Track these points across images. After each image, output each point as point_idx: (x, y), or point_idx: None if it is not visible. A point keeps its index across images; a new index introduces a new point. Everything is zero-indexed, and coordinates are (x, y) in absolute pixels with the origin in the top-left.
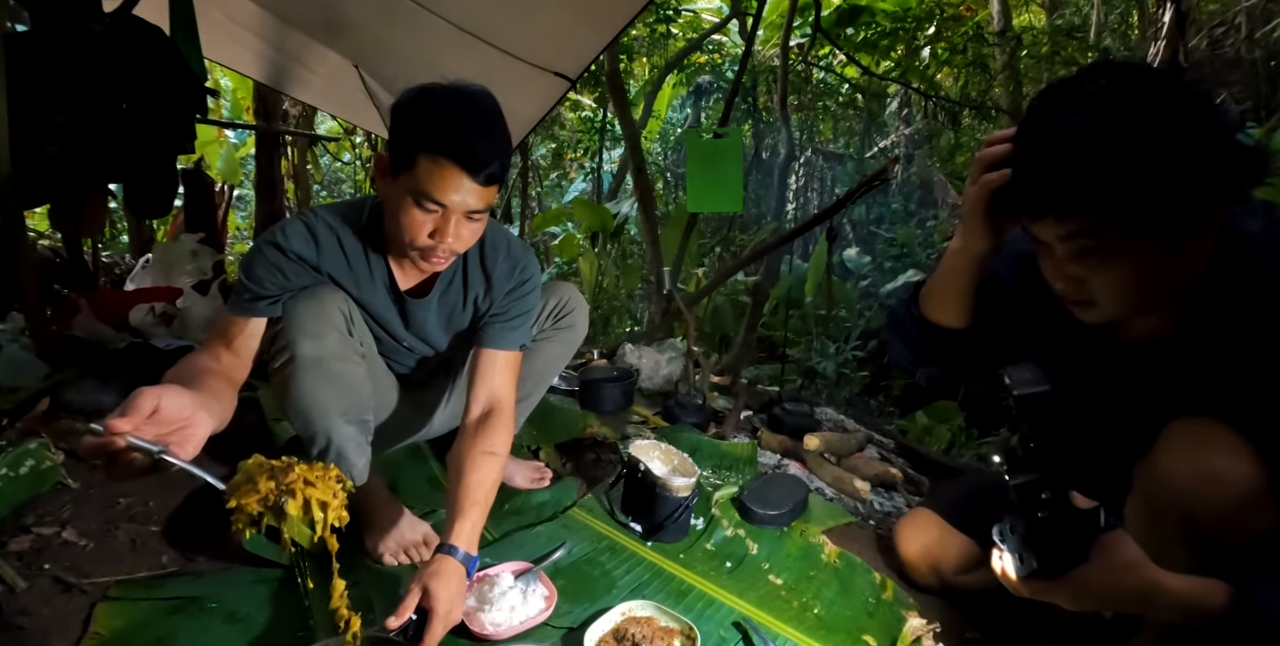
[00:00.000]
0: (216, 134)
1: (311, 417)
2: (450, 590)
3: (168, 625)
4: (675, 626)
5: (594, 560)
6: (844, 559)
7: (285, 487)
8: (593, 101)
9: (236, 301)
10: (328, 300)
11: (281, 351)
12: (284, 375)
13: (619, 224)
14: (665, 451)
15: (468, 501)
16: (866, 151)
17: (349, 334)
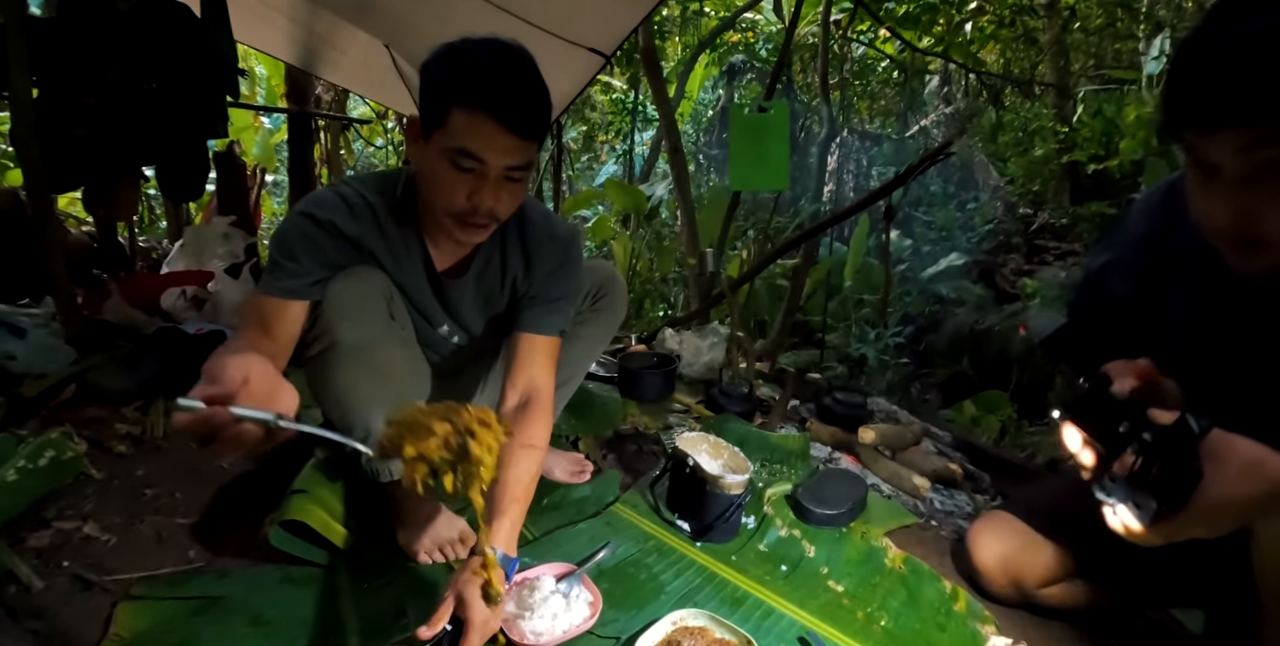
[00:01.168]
0: (252, 120)
1: (350, 409)
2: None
3: (190, 627)
4: (732, 639)
5: (640, 562)
6: (909, 564)
7: (464, 429)
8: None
9: (272, 282)
10: (370, 281)
11: (320, 337)
12: (322, 362)
13: (653, 206)
14: (714, 444)
15: (506, 499)
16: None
17: (392, 318)
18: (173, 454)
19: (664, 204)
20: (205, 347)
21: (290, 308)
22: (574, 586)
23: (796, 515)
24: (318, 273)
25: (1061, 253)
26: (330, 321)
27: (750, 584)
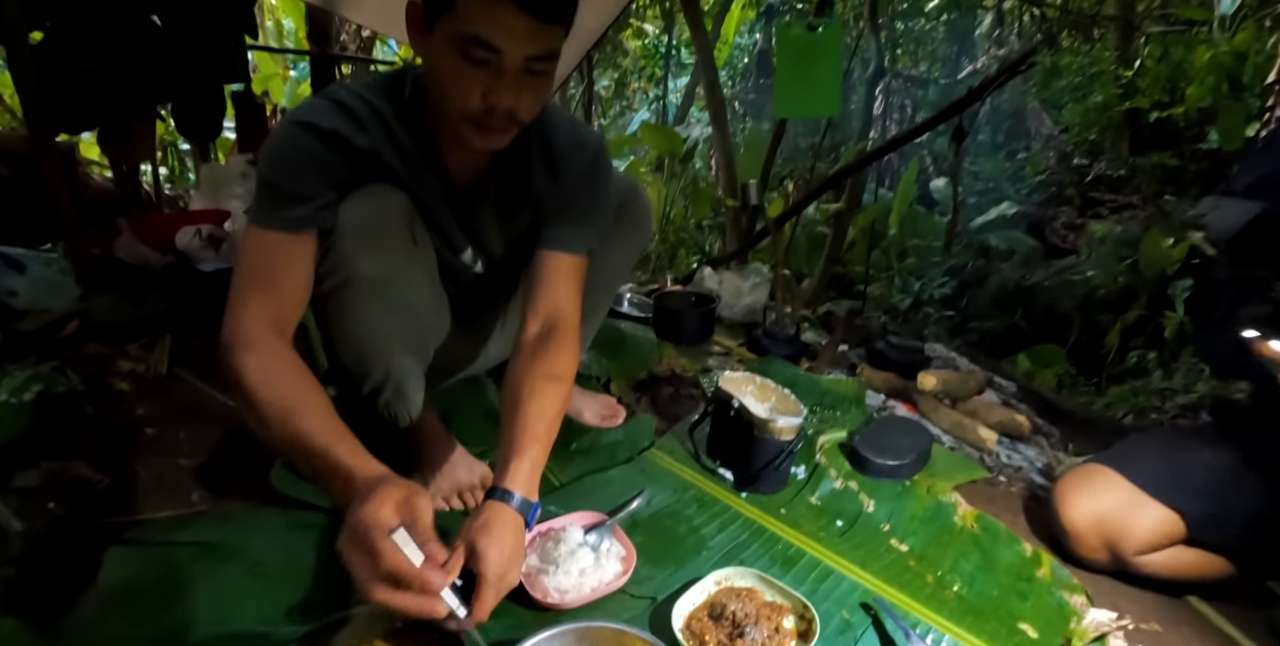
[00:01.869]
0: (279, 68)
1: (369, 350)
2: (504, 547)
3: (184, 575)
4: (785, 602)
5: (678, 513)
6: (983, 523)
7: None
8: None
9: (272, 213)
10: (390, 202)
11: (334, 271)
12: (336, 300)
13: (688, 149)
14: (760, 386)
15: (526, 436)
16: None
17: (414, 245)
18: (177, 393)
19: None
20: (218, 285)
21: (299, 243)
22: (604, 539)
23: (853, 465)
24: (327, 194)
25: (1117, 205)
26: (346, 253)
27: (804, 540)
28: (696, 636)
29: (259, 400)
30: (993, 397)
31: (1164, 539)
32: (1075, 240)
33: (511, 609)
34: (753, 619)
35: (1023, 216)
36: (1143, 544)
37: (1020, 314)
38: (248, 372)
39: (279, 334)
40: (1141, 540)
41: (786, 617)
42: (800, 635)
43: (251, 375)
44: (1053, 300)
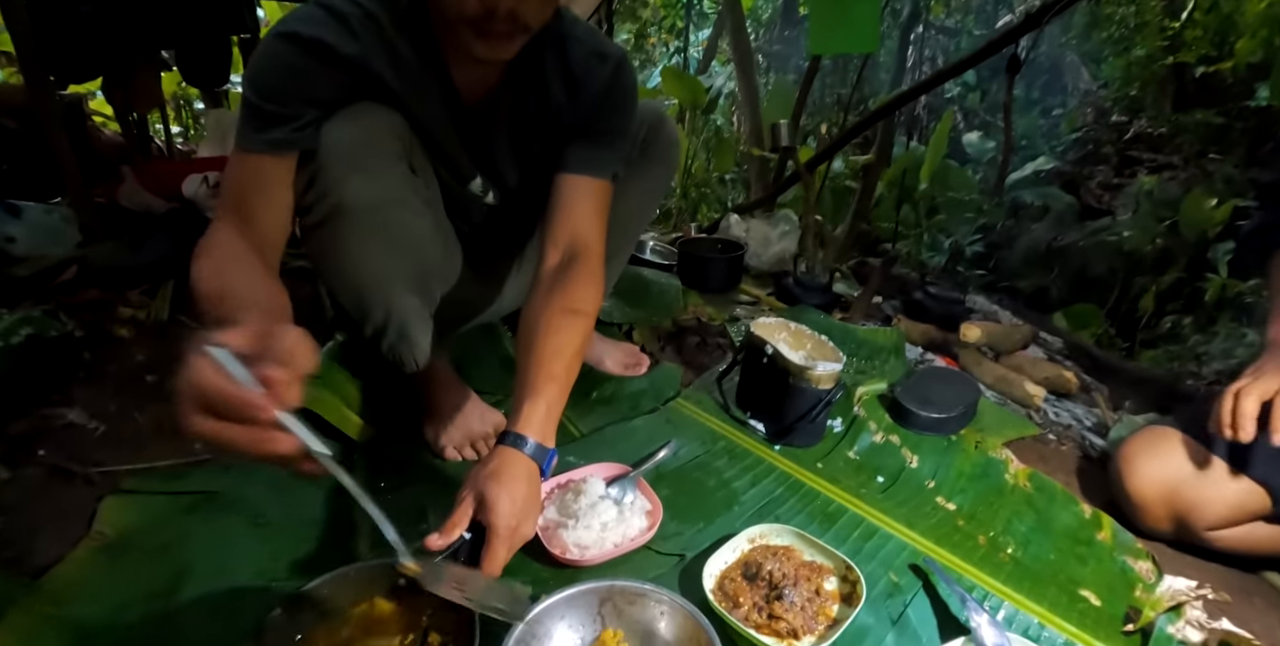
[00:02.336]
0: None
1: (365, 287)
2: (516, 496)
3: (182, 525)
4: (826, 562)
5: (708, 465)
6: (1036, 482)
7: None
8: None
9: (249, 134)
10: (380, 121)
11: (321, 199)
12: (325, 232)
13: (711, 99)
14: (794, 332)
15: (541, 376)
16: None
17: (411, 171)
18: (179, 339)
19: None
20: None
21: (276, 167)
22: (628, 491)
23: (894, 418)
24: (308, 113)
25: (1157, 165)
26: (332, 177)
27: (844, 496)
28: (730, 597)
29: (200, 294)
30: (1038, 353)
31: (1243, 514)
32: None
33: (527, 564)
34: (791, 579)
35: (1057, 174)
36: (1218, 519)
37: (1055, 273)
38: (199, 274)
39: (251, 252)
40: (1217, 515)
41: (828, 579)
42: (844, 598)
43: (201, 273)
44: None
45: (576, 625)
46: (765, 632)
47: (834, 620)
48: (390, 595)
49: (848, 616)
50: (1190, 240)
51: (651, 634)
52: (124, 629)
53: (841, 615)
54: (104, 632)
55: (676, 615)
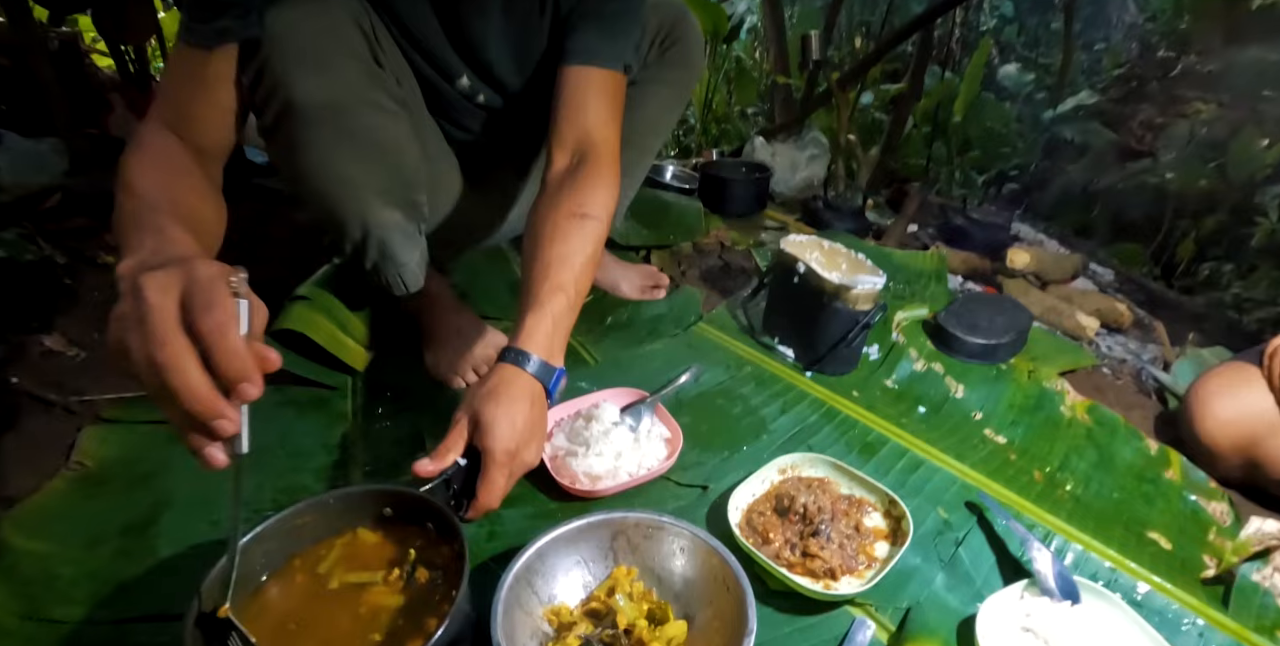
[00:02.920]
0: None
1: (335, 199)
2: (516, 418)
3: (163, 456)
4: (866, 496)
5: (732, 391)
6: (1096, 415)
7: None
8: None
9: (187, 26)
10: (335, 8)
11: (270, 98)
12: (281, 136)
13: (732, 27)
14: (828, 251)
15: (546, 286)
16: None
17: (376, 64)
18: None
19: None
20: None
21: (215, 62)
22: (644, 417)
23: (937, 345)
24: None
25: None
26: (279, 71)
27: (885, 425)
28: (758, 533)
29: (128, 191)
30: (1087, 285)
31: None
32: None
33: (532, 496)
34: (828, 514)
35: (1098, 113)
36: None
37: (1095, 213)
38: (128, 169)
39: (187, 152)
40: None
41: (869, 514)
42: (887, 536)
43: (130, 169)
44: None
45: (585, 561)
46: (799, 572)
47: (876, 560)
48: (375, 525)
49: (893, 555)
50: (1237, 183)
51: (669, 572)
52: (96, 562)
53: (885, 554)
54: (75, 565)
55: (698, 551)
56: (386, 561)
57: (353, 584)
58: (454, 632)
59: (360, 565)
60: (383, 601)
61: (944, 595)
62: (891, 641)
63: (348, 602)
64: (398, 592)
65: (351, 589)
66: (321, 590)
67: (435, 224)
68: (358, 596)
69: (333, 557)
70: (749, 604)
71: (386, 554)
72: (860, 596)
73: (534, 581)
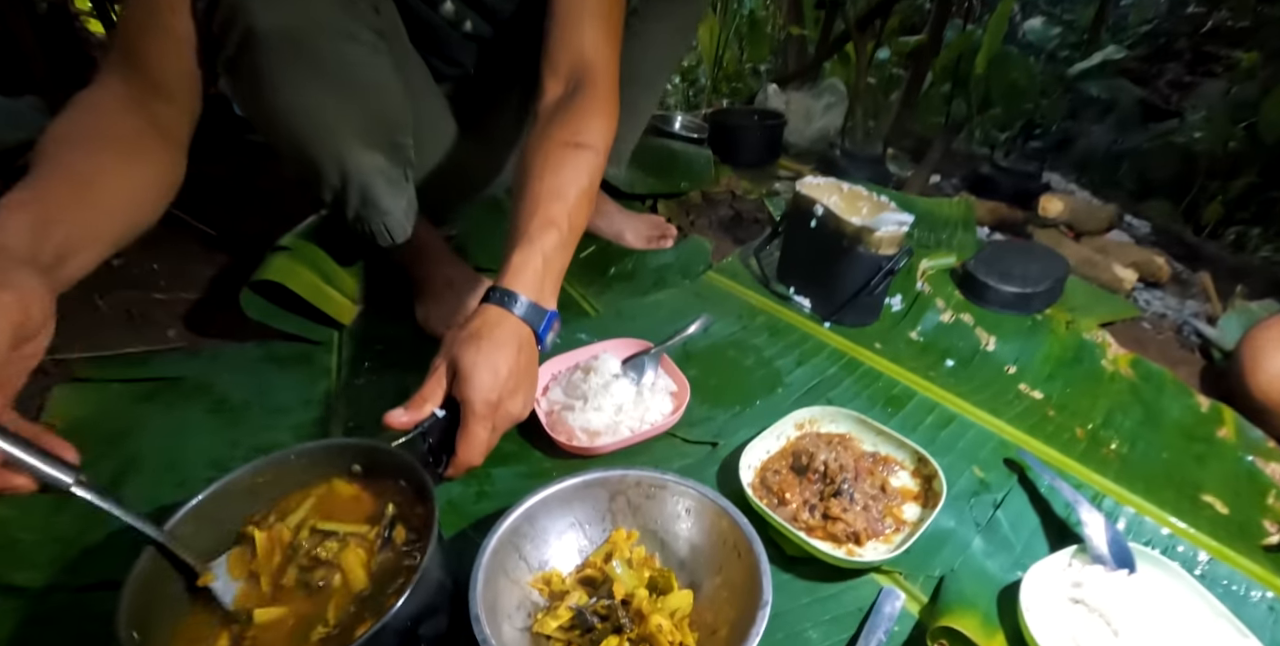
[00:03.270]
0: None
1: (307, 139)
2: (498, 364)
3: (134, 414)
4: (892, 453)
5: (744, 343)
6: (1141, 370)
7: None
8: None
9: None
10: None
11: (228, 26)
12: (243, 69)
13: None
14: (848, 195)
15: (536, 221)
16: None
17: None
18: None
19: None
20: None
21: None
22: (648, 370)
23: (966, 294)
24: None
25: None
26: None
27: (912, 378)
28: (774, 493)
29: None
30: (1122, 238)
31: None
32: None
33: (525, 454)
34: (851, 473)
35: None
36: None
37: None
38: (42, 138)
39: (132, 108)
40: None
41: (895, 473)
42: (916, 497)
43: (43, 139)
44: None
45: (580, 524)
46: (819, 536)
47: (905, 523)
48: (353, 479)
49: (924, 519)
50: (1269, 144)
51: (673, 536)
52: (59, 526)
53: (915, 517)
54: (37, 530)
55: (706, 513)
56: (363, 516)
57: (323, 538)
58: (421, 603)
59: (338, 516)
60: (353, 564)
61: (982, 562)
62: (924, 614)
63: (315, 566)
64: (372, 553)
65: (320, 549)
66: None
67: (425, 172)
68: (327, 555)
69: (309, 507)
70: (763, 571)
71: (363, 509)
72: (888, 563)
73: (522, 546)
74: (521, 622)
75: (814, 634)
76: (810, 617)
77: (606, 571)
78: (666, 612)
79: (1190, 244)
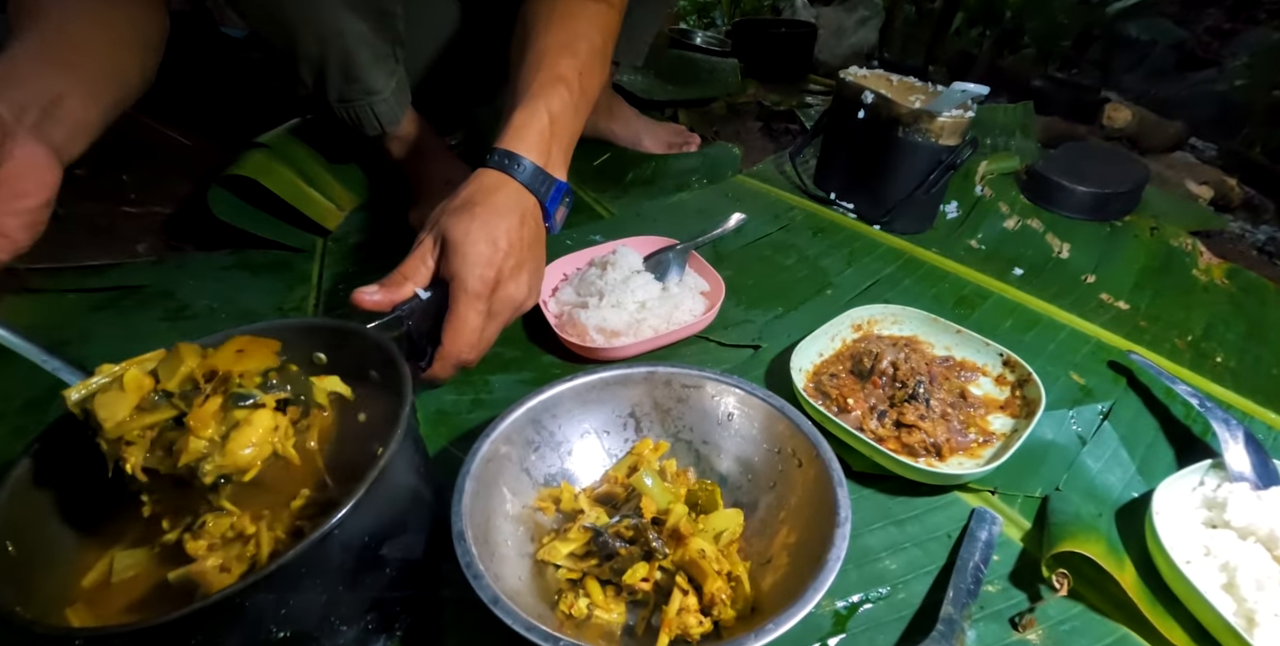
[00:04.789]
0: None
1: (287, 17)
2: (497, 236)
3: (84, 323)
4: (971, 357)
5: (784, 243)
6: (1239, 280)
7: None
8: None
9: None
10: None
11: None
12: None
13: None
14: (899, 86)
15: (542, 76)
16: None
17: None
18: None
19: None
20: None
21: None
22: (674, 267)
23: (1034, 198)
24: None
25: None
26: None
27: (984, 279)
28: (832, 399)
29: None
30: (1188, 158)
31: None
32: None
33: (531, 359)
34: (925, 377)
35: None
36: None
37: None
38: None
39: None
40: None
41: (976, 380)
42: (1002, 406)
43: None
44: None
45: (598, 431)
46: (892, 447)
47: (993, 434)
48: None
49: (1017, 430)
50: None
51: (712, 446)
52: None
53: (1005, 428)
54: None
55: (755, 416)
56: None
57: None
58: (382, 512)
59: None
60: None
61: (1094, 480)
62: (1029, 541)
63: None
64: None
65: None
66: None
67: (421, 61)
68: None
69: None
70: (837, 482)
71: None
72: (980, 479)
73: (524, 455)
74: (521, 549)
75: (893, 564)
76: (887, 544)
77: (634, 484)
78: (710, 535)
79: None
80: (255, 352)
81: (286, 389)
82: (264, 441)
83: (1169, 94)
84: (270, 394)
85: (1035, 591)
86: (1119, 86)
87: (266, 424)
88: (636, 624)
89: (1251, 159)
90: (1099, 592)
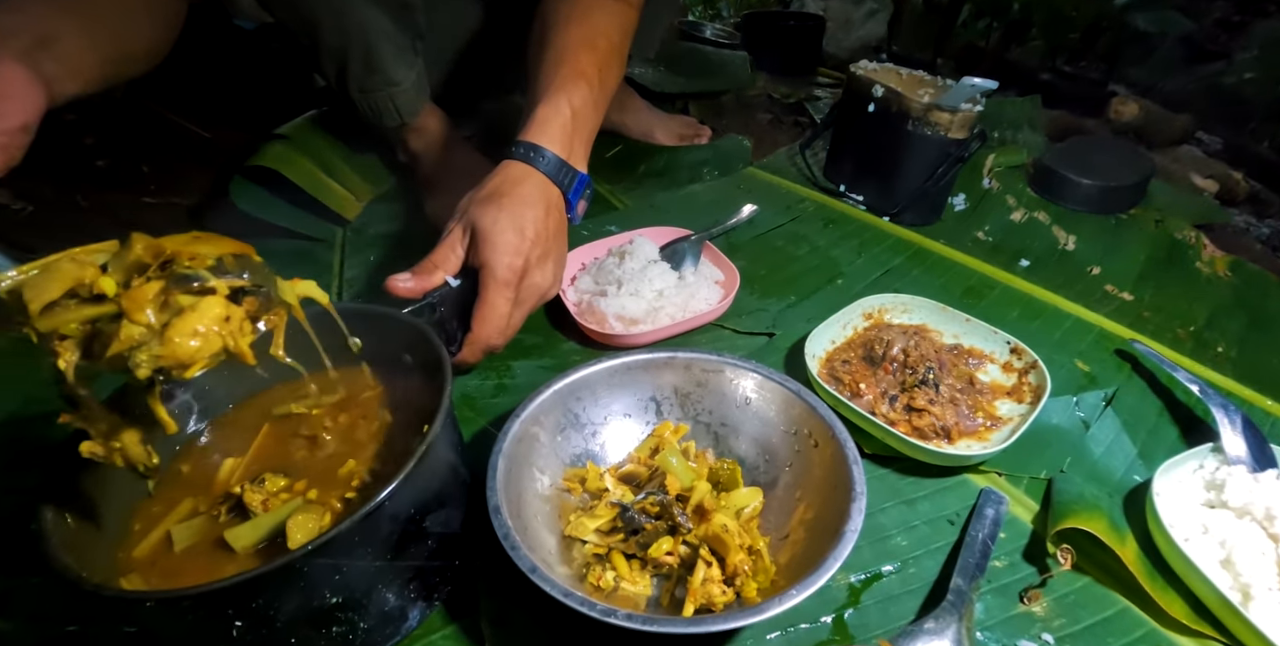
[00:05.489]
0: None
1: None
2: (524, 225)
3: None
4: (978, 345)
5: (796, 234)
6: (1241, 273)
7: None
8: None
9: None
10: None
11: None
12: None
13: None
14: (909, 80)
15: (564, 72)
16: None
17: None
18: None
19: None
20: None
21: None
22: (690, 256)
23: (1041, 191)
24: None
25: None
26: None
27: (991, 269)
28: (845, 384)
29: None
30: (1194, 152)
31: None
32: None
33: (553, 346)
34: (935, 363)
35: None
36: None
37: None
38: None
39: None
40: None
41: (983, 367)
42: (1009, 392)
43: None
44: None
45: (620, 414)
46: (903, 430)
47: (1000, 419)
48: None
49: (1024, 414)
50: None
51: (730, 428)
52: None
53: (1011, 413)
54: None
55: (773, 399)
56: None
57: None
58: (426, 487)
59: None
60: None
61: (1097, 463)
62: (1036, 522)
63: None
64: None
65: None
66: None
67: (440, 56)
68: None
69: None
70: (851, 460)
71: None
72: (989, 460)
73: (550, 436)
74: (550, 525)
75: (903, 540)
76: (898, 522)
77: (660, 464)
78: (732, 511)
79: (1270, 160)
80: (216, 240)
81: (244, 276)
82: (211, 333)
83: (1176, 87)
84: (224, 279)
85: (1041, 567)
86: (1126, 80)
87: (215, 312)
88: (661, 595)
89: (1258, 153)
90: (1101, 569)
